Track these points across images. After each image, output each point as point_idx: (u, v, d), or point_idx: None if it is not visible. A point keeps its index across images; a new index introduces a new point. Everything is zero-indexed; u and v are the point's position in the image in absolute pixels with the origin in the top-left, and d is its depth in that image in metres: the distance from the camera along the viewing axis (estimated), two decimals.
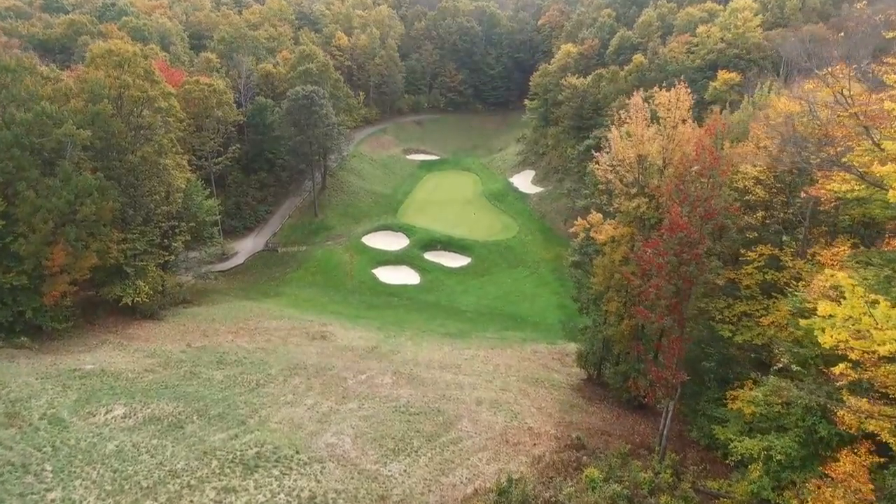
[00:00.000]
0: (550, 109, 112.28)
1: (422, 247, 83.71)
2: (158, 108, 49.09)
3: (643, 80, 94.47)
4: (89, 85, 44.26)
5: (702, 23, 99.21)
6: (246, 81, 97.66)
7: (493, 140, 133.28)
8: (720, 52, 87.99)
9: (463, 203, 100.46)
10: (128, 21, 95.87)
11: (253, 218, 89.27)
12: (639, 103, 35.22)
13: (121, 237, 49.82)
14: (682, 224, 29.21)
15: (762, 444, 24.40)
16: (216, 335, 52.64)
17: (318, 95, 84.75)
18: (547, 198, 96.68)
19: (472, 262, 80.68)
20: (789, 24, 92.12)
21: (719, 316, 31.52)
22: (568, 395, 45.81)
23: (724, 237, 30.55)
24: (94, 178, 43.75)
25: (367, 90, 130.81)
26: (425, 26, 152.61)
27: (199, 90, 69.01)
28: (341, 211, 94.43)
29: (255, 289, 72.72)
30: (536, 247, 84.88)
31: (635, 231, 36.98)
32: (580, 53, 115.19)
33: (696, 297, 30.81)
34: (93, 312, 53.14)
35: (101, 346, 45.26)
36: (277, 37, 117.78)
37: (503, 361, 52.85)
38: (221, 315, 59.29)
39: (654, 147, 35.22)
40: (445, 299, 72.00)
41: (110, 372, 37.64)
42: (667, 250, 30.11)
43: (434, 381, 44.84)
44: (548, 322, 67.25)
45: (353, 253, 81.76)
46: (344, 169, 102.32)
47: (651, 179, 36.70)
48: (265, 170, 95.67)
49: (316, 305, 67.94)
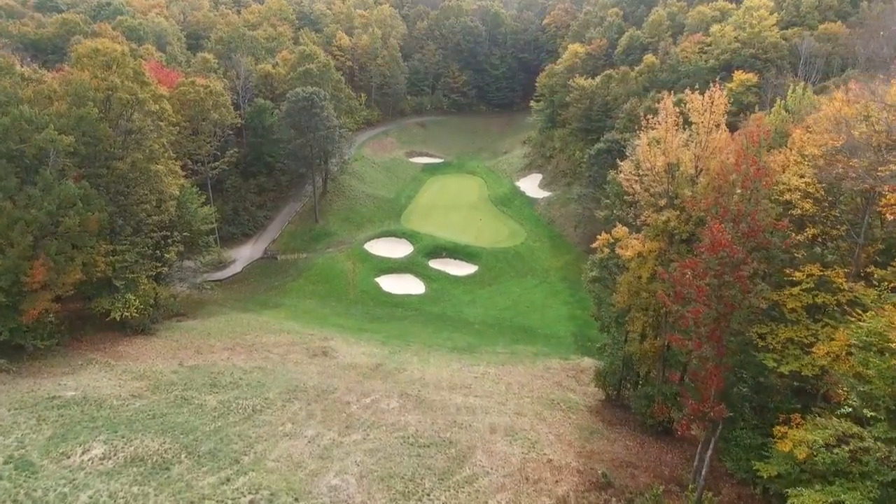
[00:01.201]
0: (557, 111, 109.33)
1: (426, 254, 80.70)
2: (149, 111, 46.04)
3: (654, 81, 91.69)
4: (73, 87, 41.23)
5: (714, 22, 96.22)
6: (244, 83, 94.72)
7: (498, 142, 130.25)
8: (734, 52, 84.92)
9: (468, 208, 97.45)
10: (123, 20, 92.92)
11: (251, 224, 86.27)
12: (669, 107, 32.17)
13: (109, 249, 46.82)
14: (725, 242, 26.16)
15: (826, 499, 21.32)
16: (211, 352, 49.63)
17: (319, 97, 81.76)
18: (555, 203, 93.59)
19: (479, 270, 77.64)
20: (805, 22, 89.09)
21: (762, 343, 28.43)
22: (587, 419, 42.76)
23: (770, 256, 27.44)
24: (79, 187, 40.73)
25: (369, 91, 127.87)
26: (428, 26, 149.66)
27: (195, 92, 65.99)
28: (343, 216, 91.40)
29: (253, 299, 69.70)
30: (545, 254, 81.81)
31: (664, 246, 33.94)
32: (588, 53, 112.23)
33: (738, 322, 27.74)
34: (80, 328, 50.13)
35: (86, 366, 42.24)
36: (277, 37, 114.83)
37: (515, 380, 49.85)
38: (217, 329, 56.29)
39: (687, 155, 32.16)
40: (452, 310, 68.95)
41: (93, 399, 34.60)
42: (706, 271, 27.08)
43: (443, 404, 41.81)
44: (559, 335, 64.24)
45: (355, 261, 78.77)
46: (345, 172, 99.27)
47: (682, 190, 33.64)
48: (264, 174, 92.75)
49: (317, 318, 64.90)
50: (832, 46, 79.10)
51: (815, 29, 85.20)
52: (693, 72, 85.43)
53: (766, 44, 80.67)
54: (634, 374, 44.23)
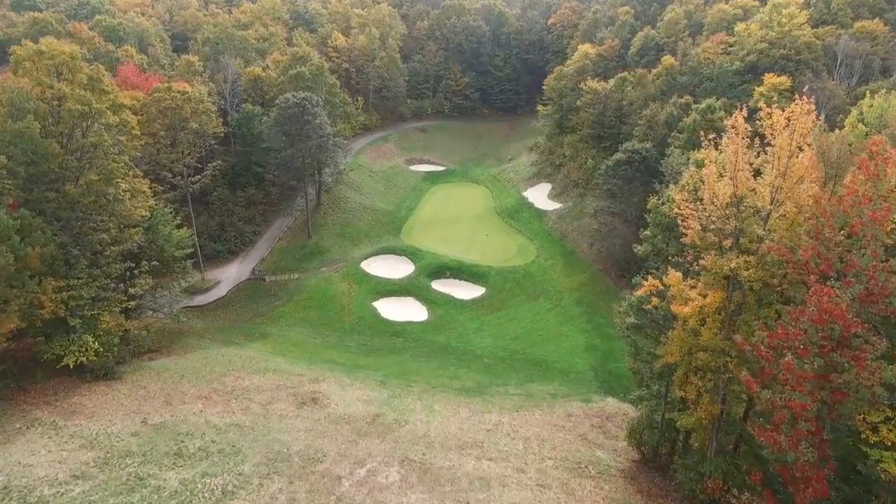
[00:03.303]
0: (567, 116, 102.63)
1: (429, 274, 73.96)
2: (107, 124, 39.25)
3: (673, 85, 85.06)
4: (9, 96, 34.47)
5: (736, 20, 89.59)
6: (232, 87, 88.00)
7: (503, 148, 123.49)
8: (762, 52, 78.22)
9: (473, 220, 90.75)
10: (101, 20, 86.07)
11: (238, 241, 79.45)
12: (740, 124, 25.45)
13: (61, 285, 40.02)
14: (837, 313, 19.48)
15: None
16: (182, 402, 42.86)
17: (311, 103, 74.93)
18: (567, 216, 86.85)
19: (487, 292, 70.90)
20: (836, 20, 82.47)
21: (874, 437, 21.75)
22: (622, 490, 36.07)
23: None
24: (15, 217, 34.01)
25: (367, 95, 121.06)
26: (428, 26, 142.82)
27: (171, 99, 59.15)
28: (338, 231, 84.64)
29: (237, 329, 62.96)
30: (558, 273, 75.09)
31: (738, 299, 27.24)
32: (599, 55, 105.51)
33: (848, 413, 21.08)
34: (30, 374, 43.34)
35: (25, 431, 35.46)
36: (269, 37, 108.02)
37: (533, 432, 43.11)
38: (193, 370, 49.52)
39: (764, 188, 25.46)
40: (458, 340, 62.23)
41: (18, 489, 27.85)
42: (808, 346, 20.40)
43: (453, 474, 35.12)
44: (578, 369, 57.56)
45: (350, 282, 72.00)
46: (341, 183, 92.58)
47: (751, 227, 26.91)
48: (253, 185, 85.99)
49: (307, 351, 58.18)
50: (871, 46, 72.48)
51: (850, 27, 78.60)
52: (717, 74, 78.82)
53: (799, 44, 73.98)
54: (675, 432, 37.67)
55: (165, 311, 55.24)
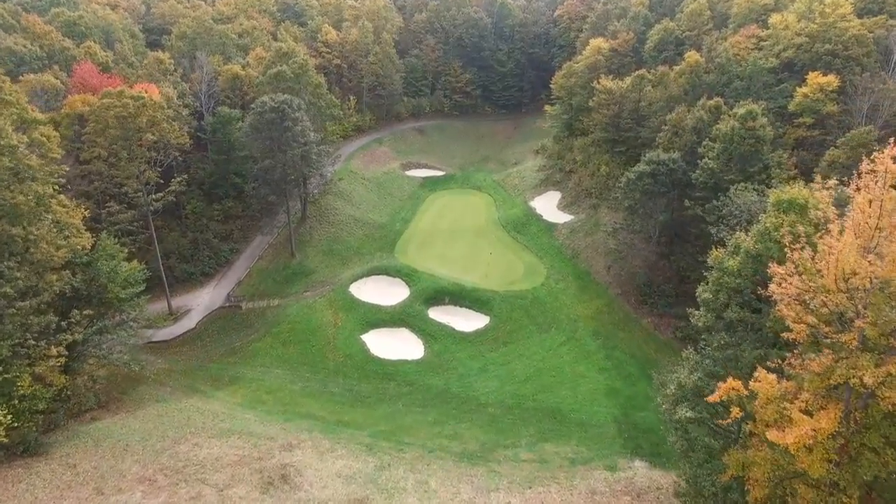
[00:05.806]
0: (577, 116, 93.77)
1: (425, 300, 65.52)
2: (9, 146, 30.77)
3: (698, 85, 76.06)
4: None
5: (768, 11, 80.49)
6: (208, 87, 79.32)
7: (507, 150, 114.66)
8: (800, 47, 69.19)
9: (475, 234, 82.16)
10: (59, 14, 77.20)
11: (213, 261, 71.15)
12: (890, 167, 16.87)
13: None
14: None
15: None
16: (118, 491, 34.70)
17: (292, 107, 66.16)
18: (579, 230, 78.22)
19: (491, 323, 62.45)
20: (885, 9, 73.37)
21: None
22: None
23: None
24: None
25: (360, 93, 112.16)
26: (427, 18, 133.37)
27: (122, 106, 50.49)
28: (325, 248, 76.18)
29: (204, 370, 54.76)
30: (571, 299, 66.58)
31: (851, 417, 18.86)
32: (612, 49, 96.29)
33: None
34: None
35: None
36: (251, 31, 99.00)
37: None
38: (141, 435, 41.35)
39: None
40: (458, 384, 53.92)
41: None
42: None
43: None
44: (598, 421, 49.31)
45: (337, 310, 63.71)
46: (329, 193, 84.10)
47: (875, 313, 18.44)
48: (231, 197, 77.72)
49: (283, 402, 49.97)
50: None
51: None
52: (750, 73, 69.87)
53: (847, 37, 64.96)
54: None
55: (115, 358, 46.81)
